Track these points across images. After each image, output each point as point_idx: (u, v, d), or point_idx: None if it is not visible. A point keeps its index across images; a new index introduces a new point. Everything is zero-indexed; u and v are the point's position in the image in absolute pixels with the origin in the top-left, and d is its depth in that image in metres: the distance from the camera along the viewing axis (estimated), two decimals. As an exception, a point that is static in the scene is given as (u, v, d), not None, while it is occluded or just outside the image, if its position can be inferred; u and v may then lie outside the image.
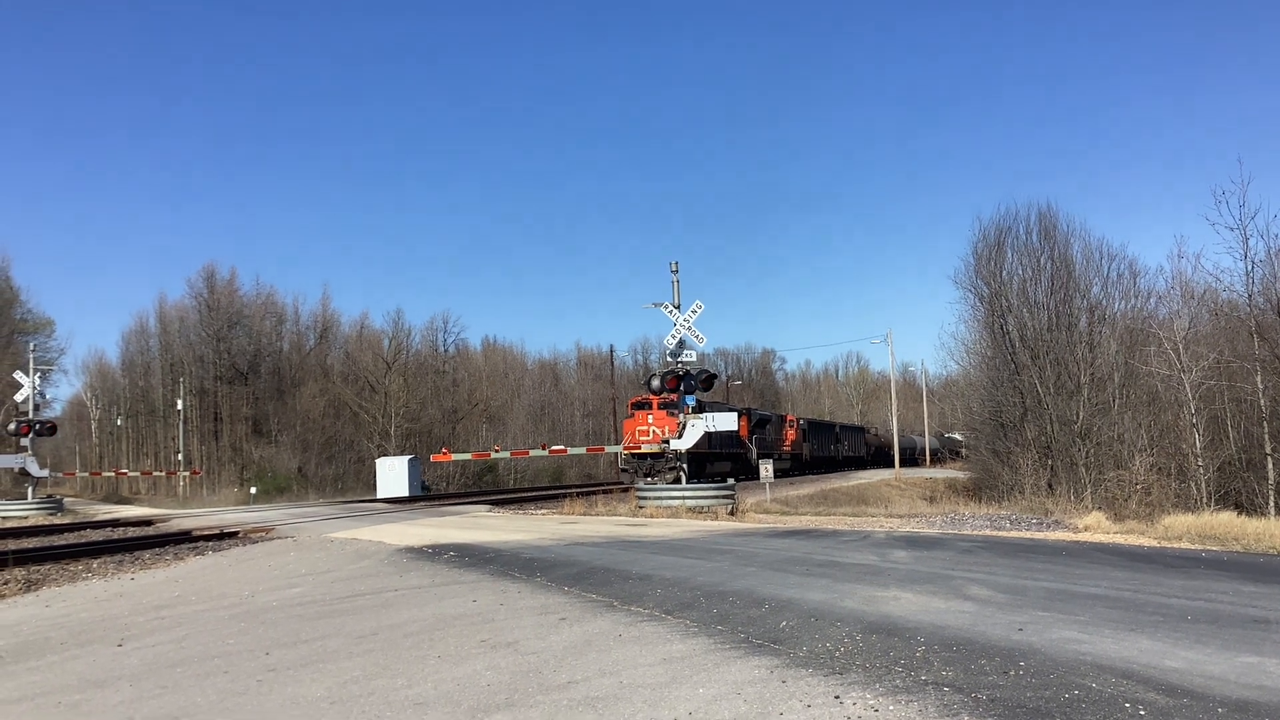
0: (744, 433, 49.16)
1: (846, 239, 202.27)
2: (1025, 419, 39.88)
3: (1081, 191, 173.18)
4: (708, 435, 28.64)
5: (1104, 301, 41.21)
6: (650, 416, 42.99)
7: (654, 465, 41.16)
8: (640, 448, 39.43)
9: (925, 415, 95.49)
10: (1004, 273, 43.11)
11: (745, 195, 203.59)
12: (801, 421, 68.22)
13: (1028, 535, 18.35)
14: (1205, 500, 30.55)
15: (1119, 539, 17.63)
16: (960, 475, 60.00)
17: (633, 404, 46.13)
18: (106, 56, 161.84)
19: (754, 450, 50.74)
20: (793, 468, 60.19)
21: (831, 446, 75.25)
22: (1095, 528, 20.37)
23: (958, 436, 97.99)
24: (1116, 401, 36.91)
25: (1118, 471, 33.96)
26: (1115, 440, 35.89)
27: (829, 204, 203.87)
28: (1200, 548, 15.88)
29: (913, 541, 16.26)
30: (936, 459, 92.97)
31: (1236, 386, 33.17)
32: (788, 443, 61.26)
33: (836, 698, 6.12)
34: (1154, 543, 16.81)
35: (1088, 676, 6.48)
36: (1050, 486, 35.67)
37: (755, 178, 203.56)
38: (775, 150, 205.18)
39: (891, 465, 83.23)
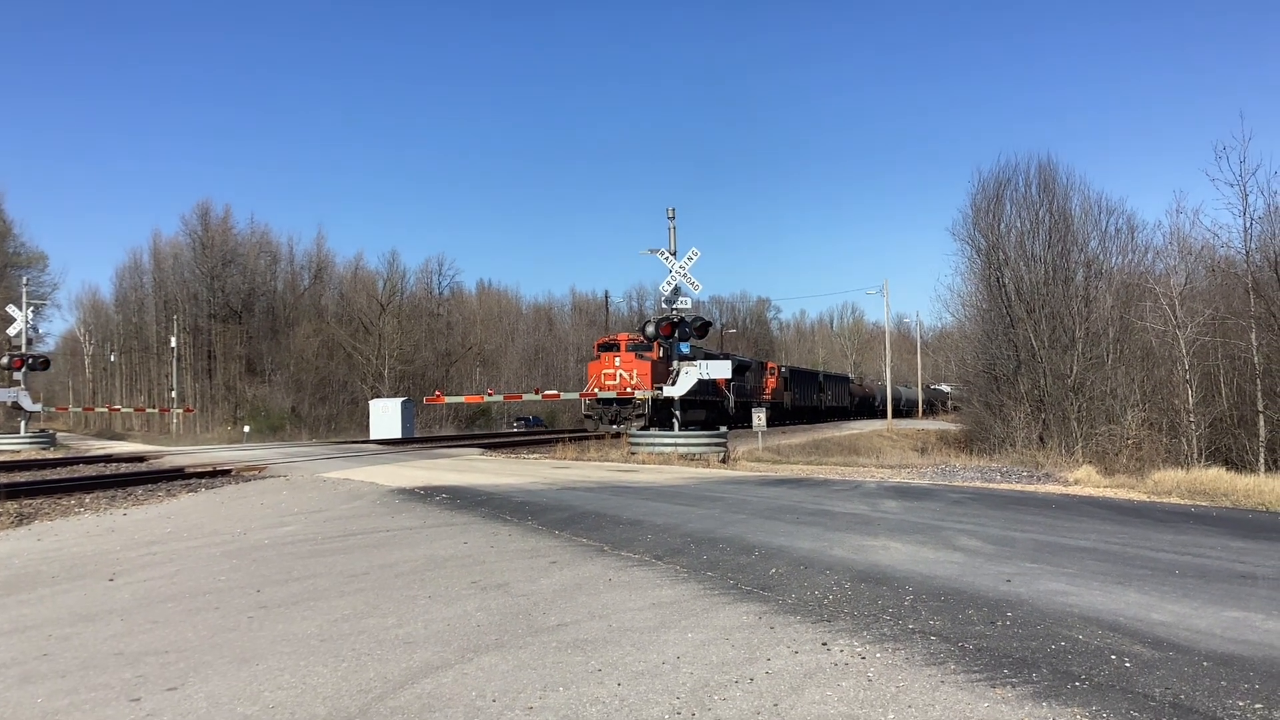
0: (720, 380, 47.81)
1: (845, 189, 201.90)
2: (1019, 372, 39.93)
3: (1082, 145, 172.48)
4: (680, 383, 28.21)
5: (1101, 256, 41.18)
6: (617, 359, 40.80)
7: (620, 411, 39.27)
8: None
9: (919, 367, 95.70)
10: (1002, 225, 43.00)
11: (743, 144, 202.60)
12: (783, 369, 66.14)
13: (1018, 488, 18.42)
14: (1196, 456, 30.68)
15: (1109, 493, 17.70)
16: (952, 427, 60.18)
17: (599, 345, 43.69)
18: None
19: (731, 398, 48.95)
20: (773, 417, 58.00)
21: (815, 396, 73.48)
22: (1085, 481, 20.45)
23: (944, 388, 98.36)
24: (1110, 356, 36.98)
25: (1109, 426, 34.09)
26: (1108, 395, 35.98)
27: (828, 153, 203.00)
28: (1190, 503, 15.94)
29: (903, 492, 16.31)
30: (930, 410, 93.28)
31: (1231, 343, 33.23)
32: (768, 391, 59.06)
33: (824, 644, 6.15)
34: (1144, 497, 16.88)
35: (1074, 628, 6.51)
36: (1041, 440, 35.79)
37: (753, 127, 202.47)
38: (774, 99, 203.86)
39: (877, 416, 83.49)
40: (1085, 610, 7.05)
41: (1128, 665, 5.67)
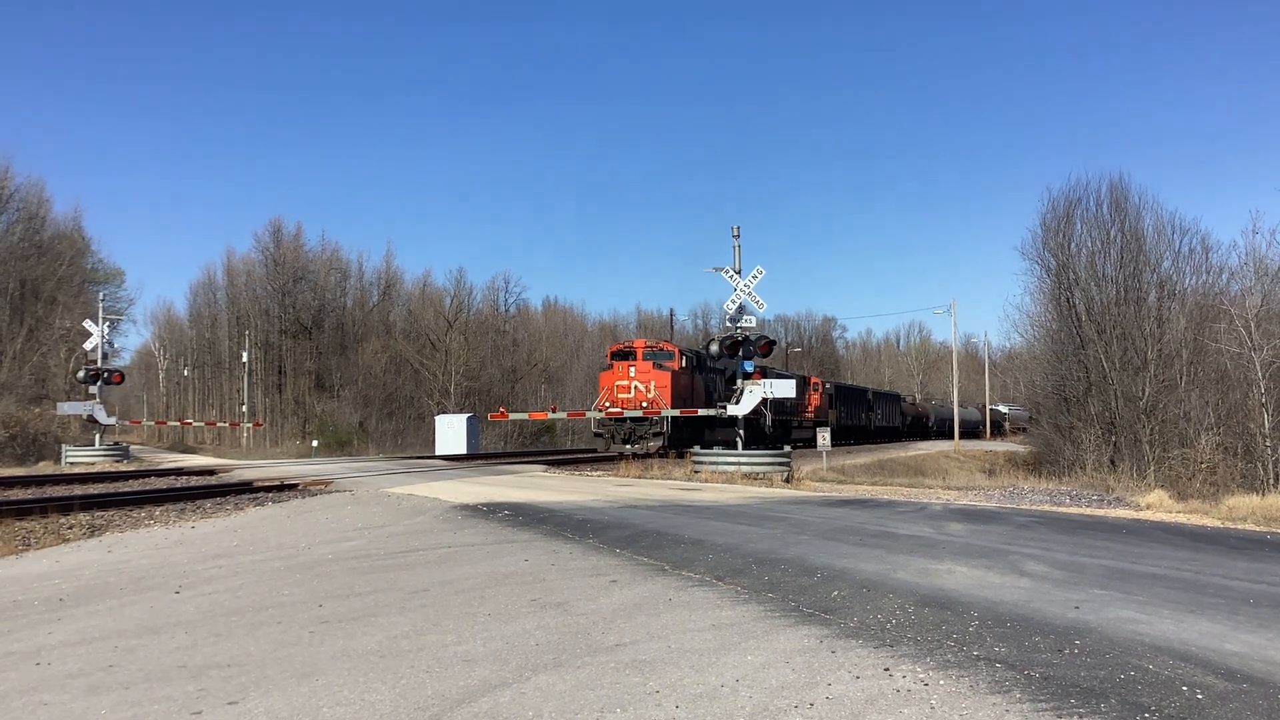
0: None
1: (913, 208, 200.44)
2: (1089, 394, 39.32)
3: (1154, 164, 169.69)
4: (707, 400, 27.15)
5: (1174, 276, 40.49)
6: (633, 369, 36.00)
7: (634, 429, 35.27)
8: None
9: (987, 387, 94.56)
10: (1072, 245, 42.49)
11: (810, 163, 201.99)
12: (828, 385, 62.04)
13: (1088, 512, 18.07)
14: (1272, 482, 29.96)
15: (1181, 518, 17.29)
16: (1020, 449, 59.39)
17: (613, 353, 38.49)
18: (175, 10, 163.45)
19: (768, 415, 46.33)
20: (815, 438, 54.08)
21: (863, 415, 69.60)
22: (1157, 506, 20.01)
23: (1003, 409, 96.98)
24: (1183, 379, 36.26)
25: (1182, 450, 33.43)
26: (1181, 418, 35.29)
27: (897, 172, 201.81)
28: (1266, 530, 15.52)
29: (969, 514, 16.06)
30: (998, 431, 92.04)
31: (1310, 367, 32.43)
32: (810, 408, 55.17)
33: (886, 670, 6.05)
34: (1217, 523, 16.47)
35: (1144, 658, 6.35)
36: (1112, 463, 35.18)
37: (820, 146, 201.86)
38: (841, 119, 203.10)
39: (931, 436, 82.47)
40: (1156, 639, 6.87)
41: (1200, 697, 5.52)
